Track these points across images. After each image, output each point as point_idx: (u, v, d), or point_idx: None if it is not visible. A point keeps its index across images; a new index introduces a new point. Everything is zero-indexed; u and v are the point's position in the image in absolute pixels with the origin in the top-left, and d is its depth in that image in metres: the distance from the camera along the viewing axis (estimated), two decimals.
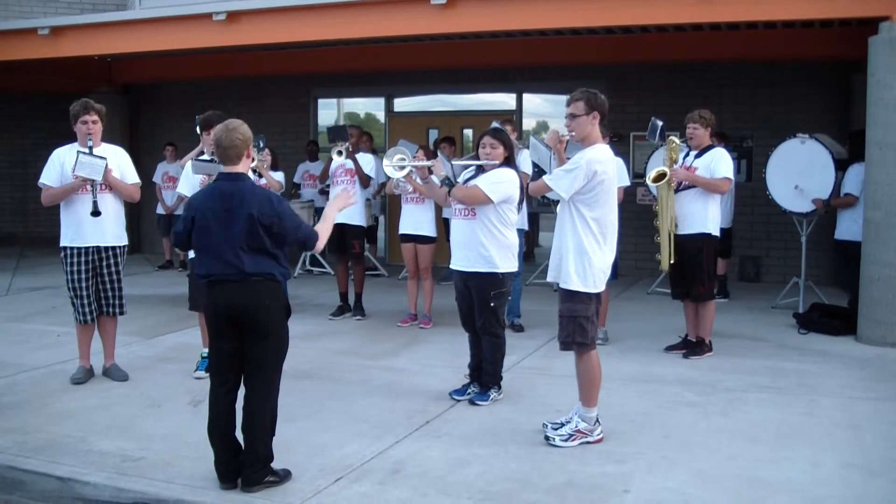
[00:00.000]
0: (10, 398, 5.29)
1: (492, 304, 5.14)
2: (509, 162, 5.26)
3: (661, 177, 6.30)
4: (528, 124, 11.81)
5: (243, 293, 3.75)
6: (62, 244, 5.62)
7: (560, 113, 10.79)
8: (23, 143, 14.16)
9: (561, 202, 4.47)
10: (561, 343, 4.49)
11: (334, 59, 11.04)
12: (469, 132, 11.66)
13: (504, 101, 11.92)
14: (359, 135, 8.83)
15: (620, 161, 6.07)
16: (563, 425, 4.48)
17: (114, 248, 5.68)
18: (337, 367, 6.10)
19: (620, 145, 9.67)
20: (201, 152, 6.04)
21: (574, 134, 4.44)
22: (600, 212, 4.36)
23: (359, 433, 4.60)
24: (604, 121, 4.49)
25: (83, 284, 5.58)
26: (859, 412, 5.03)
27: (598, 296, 4.48)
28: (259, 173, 6.27)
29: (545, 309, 7.53)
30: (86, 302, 5.61)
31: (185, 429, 4.65)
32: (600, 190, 4.33)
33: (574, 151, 4.48)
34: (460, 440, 4.50)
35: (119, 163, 5.73)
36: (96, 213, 5.46)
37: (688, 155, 6.47)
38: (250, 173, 4.02)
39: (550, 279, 4.63)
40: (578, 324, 4.38)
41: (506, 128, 5.84)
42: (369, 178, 8.08)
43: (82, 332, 5.73)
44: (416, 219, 7.56)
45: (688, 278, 6.38)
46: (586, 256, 4.35)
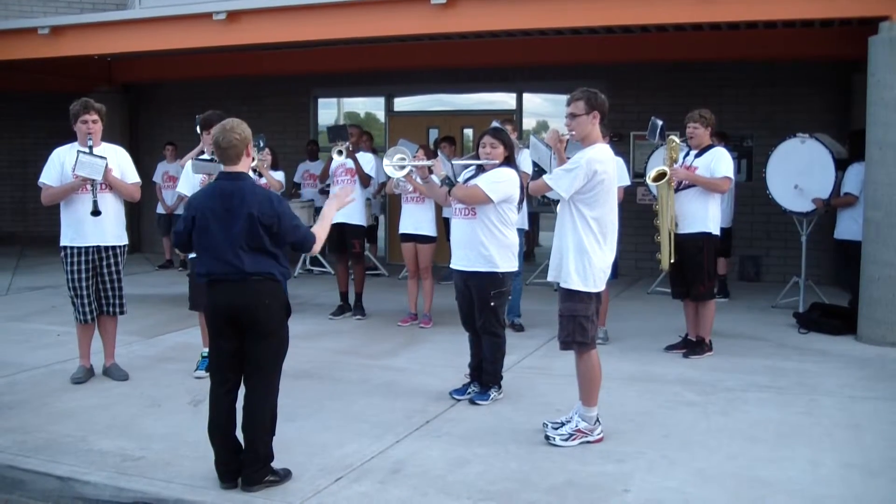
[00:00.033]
0: (10, 397, 5.29)
1: (492, 303, 5.14)
2: (509, 161, 5.26)
3: (662, 176, 6.31)
4: (529, 124, 11.80)
5: (243, 293, 3.75)
6: (62, 244, 5.62)
7: (560, 112, 10.79)
8: (23, 142, 14.16)
9: (561, 202, 4.47)
10: (561, 342, 4.50)
11: (334, 59, 11.03)
12: (469, 132, 11.66)
13: (504, 100, 11.91)
14: (359, 134, 8.83)
15: (620, 160, 6.07)
16: (563, 425, 4.49)
17: (114, 248, 5.68)
18: (337, 367, 6.10)
19: (620, 145, 9.66)
20: (201, 152, 6.04)
21: (574, 133, 4.45)
22: (600, 211, 4.36)
23: (359, 433, 4.60)
24: (604, 120, 4.50)
25: (83, 284, 5.58)
26: (859, 412, 5.03)
27: (599, 295, 4.48)
28: (259, 173, 6.28)
29: (545, 308, 7.53)
30: (86, 301, 5.61)
31: (185, 428, 4.65)
32: (600, 189, 4.33)
33: (574, 151, 4.48)
34: (460, 440, 4.50)
35: (119, 162, 5.73)
36: (96, 212, 5.45)
37: (688, 154, 6.47)
38: (250, 173, 4.02)
39: (550, 279, 4.63)
40: (578, 323, 4.38)
41: (506, 127, 5.83)
42: (369, 177, 8.09)
43: (82, 332, 5.74)
44: (416, 218, 7.56)
45: (688, 278, 6.38)
46: (586, 256, 4.35)
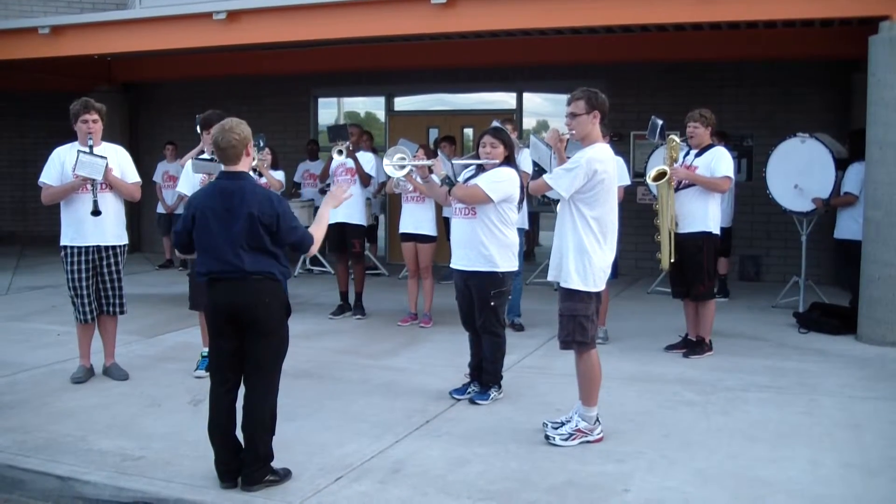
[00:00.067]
0: (10, 397, 5.29)
1: (492, 303, 5.14)
2: (509, 161, 5.26)
3: (662, 176, 6.31)
4: (529, 123, 11.80)
5: (243, 292, 3.75)
6: (62, 243, 5.62)
7: (560, 112, 10.78)
8: (23, 142, 14.16)
9: (561, 201, 4.47)
10: (561, 342, 4.49)
11: (335, 59, 11.03)
12: (469, 131, 11.66)
13: (504, 100, 11.91)
14: (359, 134, 8.82)
15: (621, 160, 6.08)
16: (563, 424, 4.49)
17: (114, 248, 5.68)
18: (337, 367, 6.10)
19: (620, 144, 9.66)
20: (201, 151, 6.04)
21: (574, 133, 4.45)
22: (600, 211, 4.36)
23: (359, 432, 4.60)
24: (604, 120, 4.49)
25: (83, 284, 5.58)
26: (859, 411, 5.03)
27: (599, 295, 4.48)
28: (259, 172, 6.28)
29: (545, 308, 7.53)
30: (86, 301, 5.61)
31: (185, 428, 4.65)
32: (600, 189, 4.33)
33: (574, 150, 4.48)
34: (460, 439, 4.50)
35: (119, 162, 5.73)
36: (96, 212, 5.45)
37: (688, 154, 6.47)
38: (251, 172, 4.02)
39: (551, 278, 4.63)
40: (578, 323, 4.38)
41: (506, 127, 5.83)
42: (370, 177, 8.10)
43: (82, 332, 5.73)
44: (416, 218, 7.56)
45: (688, 277, 6.38)
46: (586, 255, 4.35)
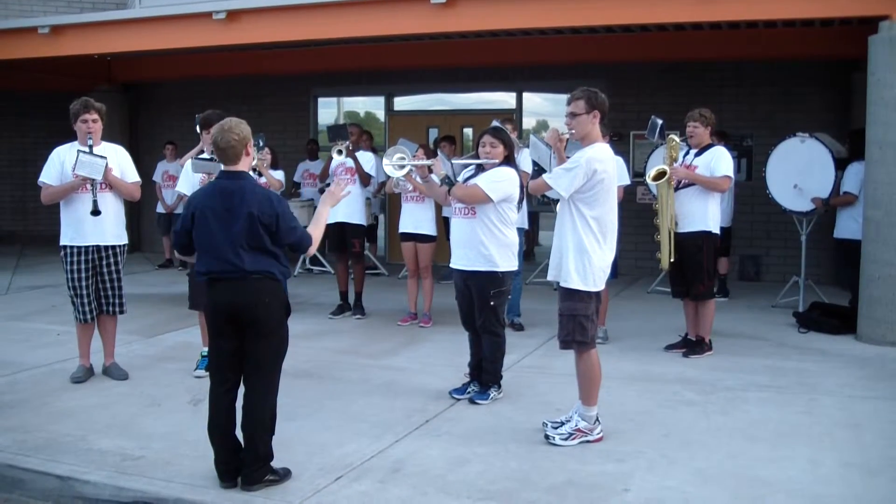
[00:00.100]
0: (10, 397, 5.29)
1: (492, 302, 5.14)
2: (509, 161, 5.26)
3: (661, 175, 6.31)
4: (528, 123, 11.80)
5: (243, 291, 3.75)
6: (62, 243, 5.61)
7: (560, 112, 10.79)
8: (23, 141, 14.15)
9: (561, 201, 4.47)
10: (561, 342, 4.49)
11: (334, 58, 11.04)
12: (469, 131, 11.65)
13: (504, 99, 11.91)
14: (359, 133, 8.83)
15: (620, 160, 6.08)
16: (563, 424, 4.49)
17: (114, 248, 5.67)
18: (337, 366, 6.10)
19: (620, 144, 9.65)
20: (201, 151, 6.04)
21: (574, 132, 4.45)
22: (600, 210, 4.36)
23: (358, 432, 4.60)
24: (604, 120, 4.49)
25: (83, 283, 5.58)
26: (859, 411, 5.03)
27: (598, 294, 4.48)
28: (259, 172, 6.28)
29: (545, 308, 7.53)
30: (86, 301, 5.61)
31: (185, 427, 4.65)
32: (600, 189, 4.33)
33: (574, 150, 4.48)
34: (460, 439, 4.50)
35: (119, 161, 5.72)
36: (96, 212, 5.45)
37: (688, 153, 6.47)
38: (251, 172, 4.01)
39: (550, 278, 4.63)
40: (578, 322, 4.38)
41: (506, 127, 5.84)
42: (370, 176, 8.10)
43: (82, 331, 5.73)
44: (416, 217, 7.56)
45: (688, 277, 6.38)
46: (586, 255, 4.35)
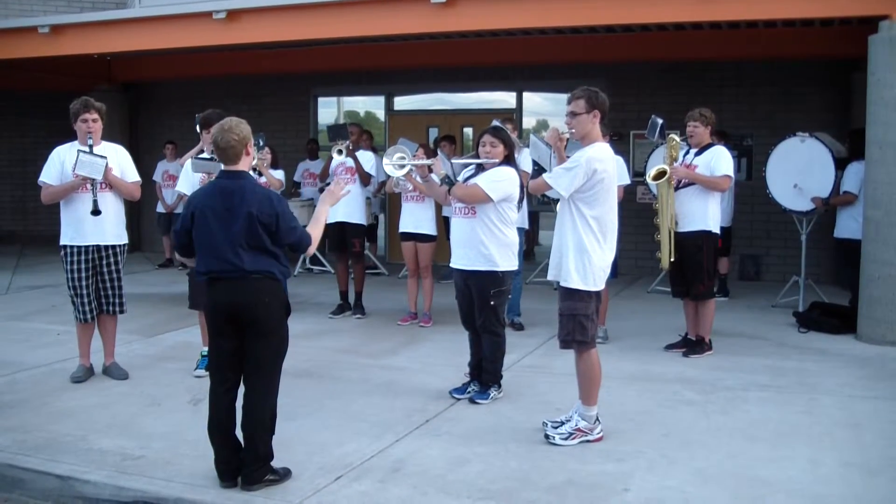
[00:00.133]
0: (10, 397, 5.29)
1: (492, 302, 5.14)
2: (509, 160, 5.26)
3: (661, 175, 6.31)
4: (529, 123, 11.80)
5: (243, 291, 3.75)
6: (62, 243, 5.61)
7: (560, 111, 10.78)
8: (23, 141, 14.15)
9: (561, 200, 4.47)
10: (561, 341, 4.49)
11: (334, 58, 11.03)
12: (469, 131, 11.65)
13: (504, 99, 11.91)
14: (359, 133, 8.82)
15: (620, 159, 6.08)
16: (563, 424, 4.49)
17: (114, 247, 5.68)
18: (337, 366, 6.10)
19: (620, 144, 9.66)
20: (201, 150, 6.04)
21: (574, 132, 4.45)
22: (600, 210, 4.36)
23: (358, 432, 4.60)
24: (604, 119, 4.49)
25: (83, 283, 5.58)
26: (859, 411, 5.03)
27: (598, 294, 4.48)
28: (259, 172, 6.28)
29: (545, 307, 7.53)
30: (86, 301, 5.61)
31: (185, 427, 4.66)
32: (600, 188, 4.33)
33: (574, 150, 4.48)
34: (460, 439, 4.50)
35: (119, 161, 5.72)
36: (96, 211, 5.45)
37: (688, 153, 6.47)
38: (251, 171, 4.01)
39: (550, 277, 4.63)
40: (578, 322, 4.38)
41: (506, 126, 5.84)
42: (370, 176, 8.10)
43: (82, 331, 5.73)
44: (416, 217, 7.56)
45: (688, 276, 6.38)
46: (586, 255, 4.35)
